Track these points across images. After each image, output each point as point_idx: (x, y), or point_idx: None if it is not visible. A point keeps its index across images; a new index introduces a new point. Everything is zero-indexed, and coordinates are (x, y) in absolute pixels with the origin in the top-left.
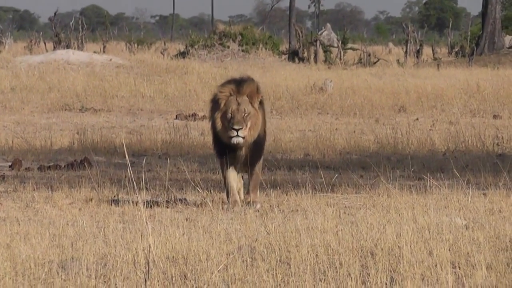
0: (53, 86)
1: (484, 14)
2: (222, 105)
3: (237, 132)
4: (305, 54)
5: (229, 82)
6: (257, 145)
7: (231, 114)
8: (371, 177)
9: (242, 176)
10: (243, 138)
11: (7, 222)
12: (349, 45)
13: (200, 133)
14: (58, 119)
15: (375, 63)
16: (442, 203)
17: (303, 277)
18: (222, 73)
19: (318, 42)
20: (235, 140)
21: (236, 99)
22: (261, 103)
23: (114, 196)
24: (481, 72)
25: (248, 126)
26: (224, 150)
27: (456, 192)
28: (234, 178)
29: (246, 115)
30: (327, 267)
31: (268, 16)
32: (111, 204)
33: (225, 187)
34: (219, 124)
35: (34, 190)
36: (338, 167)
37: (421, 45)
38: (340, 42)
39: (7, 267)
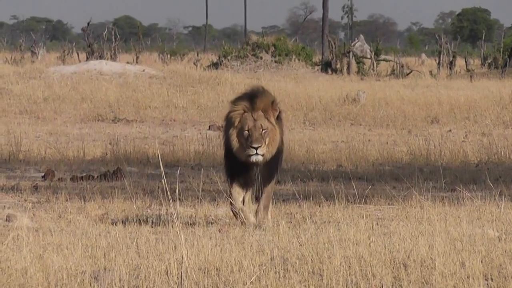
0: (86, 97)
1: None
2: (236, 122)
3: (256, 150)
4: (338, 65)
5: (241, 98)
6: (273, 162)
7: (248, 131)
8: (403, 189)
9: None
10: (262, 155)
11: (40, 232)
12: (382, 56)
13: None
14: (91, 130)
15: (408, 74)
16: (474, 215)
17: None
18: (255, 84)
19: (351, 53)
20: (254, 159)
21: (252, 115)
22: (278, 117)
23: (147, 207)
24: None
25: (267, 142)
26: (237, 170)
27: (489, 204)
28: (244, 200)
29: (263, 131)
30: (360, 279)
31: (301, 27)
32: (144, 215)
33: (232, 208)
34: (235, 142)
35: (66, 200)
36: (371, 178)
37: (454, 56)
38: (373, 53)
39: (39, 278)
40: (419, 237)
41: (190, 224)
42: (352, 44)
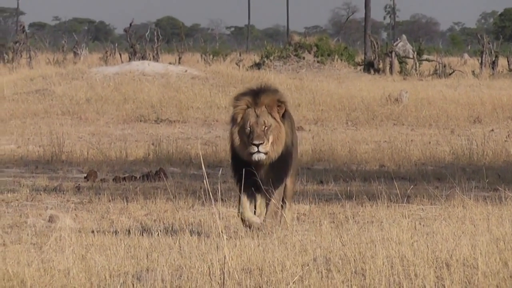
0: (128, 97)
1: None
2: (239, 119)
3: (258, 148)
4: (381, 65)
5: (245, 93)
6: (281, 164)
7: (249, 128)
8: (446, 188)
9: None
10: (265, 154)
11: (83, 233)
12: (425, 56)
13: None
14: (133, 130)
15: (450, 74)
16: None
17: None
18: (297, 84)
19: (393, 53)
20: (256, 157)
21: (255, 111)
22: (283, 116)
23: (190, 207)
24: None
25: (270, 140)
26: (243, 171)
27: None
28: (251, 208)
29: (266, 128)
30: (403, 278)
31: (344, 27)
32: (187, 215)
33: (238, 215)
34: (237, 140)
35: (109, 201)
36: (414, 178)
37: (496, 56)
38: (416, 53)
39: (82, 278)
40: (461, 237)
41: (233, 224)
42: (395, 44)
